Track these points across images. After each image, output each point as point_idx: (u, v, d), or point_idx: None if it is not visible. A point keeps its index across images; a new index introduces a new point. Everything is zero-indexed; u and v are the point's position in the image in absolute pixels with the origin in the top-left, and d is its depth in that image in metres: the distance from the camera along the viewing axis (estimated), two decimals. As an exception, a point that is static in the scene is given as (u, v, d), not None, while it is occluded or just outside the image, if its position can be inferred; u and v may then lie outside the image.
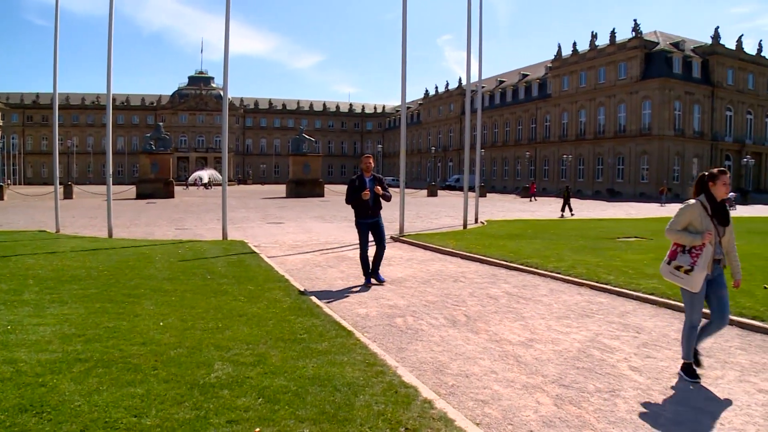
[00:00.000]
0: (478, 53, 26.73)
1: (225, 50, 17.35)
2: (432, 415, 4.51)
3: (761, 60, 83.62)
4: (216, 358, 5.71)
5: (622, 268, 12.38)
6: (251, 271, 11.32)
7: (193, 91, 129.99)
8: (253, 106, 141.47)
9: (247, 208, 35.15)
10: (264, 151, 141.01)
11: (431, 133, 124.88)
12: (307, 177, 54.17)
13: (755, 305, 8.81)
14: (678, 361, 6.46)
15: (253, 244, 16.33)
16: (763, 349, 7.02)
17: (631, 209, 42.75)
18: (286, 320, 7.35)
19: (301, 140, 55.72)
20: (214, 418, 4.32)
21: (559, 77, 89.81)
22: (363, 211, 11.19)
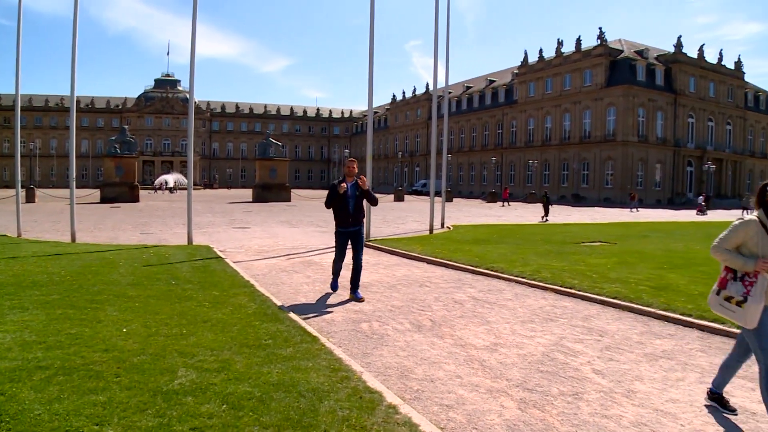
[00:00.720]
0: (445, 59, 26.93)
1: (191, 53, 17.24)
2: (396, 420, 4.53)
3: (722, 69, 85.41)
4: (180, 365, 5.67)
5: (586, 272, 12.56)
6: (216, 277, 11.24)
7: (159, 94, 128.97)
8: (220, 109, 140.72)
9: (213, 213, 34.90)
10: (231, 155, 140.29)
11: (398, 138, 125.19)
12: (273, 181, 53.95)
13: (715, 309, 8.98)
14: (639, 362, 6.58)
15: (218, 249, 16.22)
16: (723, 351, 7.13)
17: (596, 214, 43.29)
18: (251, 326, 7.32)
19: (268, 144, 55.50)
20: (178, 425, 4.29)
21: (525, 83, 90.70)
22: (343, 218, 10.15)
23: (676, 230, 27.48)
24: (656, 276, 12.20)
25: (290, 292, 10.54)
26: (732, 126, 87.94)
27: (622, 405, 5.33)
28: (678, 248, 18.29)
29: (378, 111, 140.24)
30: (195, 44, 17.15)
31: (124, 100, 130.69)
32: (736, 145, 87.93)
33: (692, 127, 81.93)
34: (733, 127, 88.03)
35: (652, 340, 7.67)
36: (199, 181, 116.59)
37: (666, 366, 6.53)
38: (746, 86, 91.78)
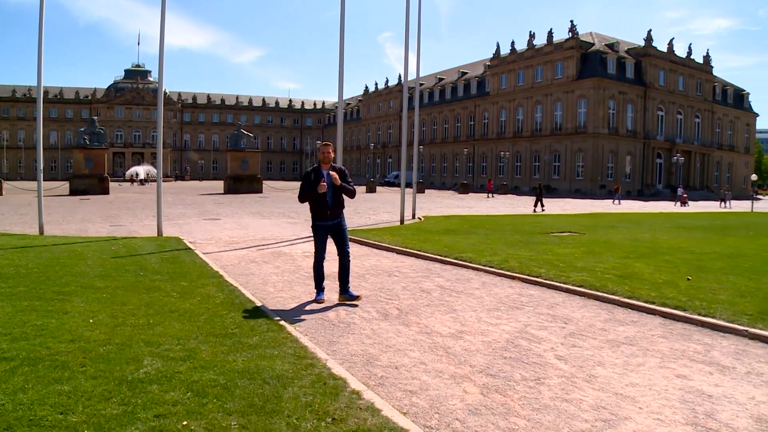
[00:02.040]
0: (417, 50, 26.95)
1: (160, 42, 17.13)
2: (359, 405, 4.60)
3: (691, 62, 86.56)
4: (146, 354, 5.68)
5: (553, 261, 12.73)
6: (185, 268, 11.22)
7: (129, 85, 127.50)
8: (191, 100, 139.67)
9: (184, 205, 34.69)
10: (202, 147, 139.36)
11: (371, 130, 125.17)
12: (245, 173, 53.73)
13: (678, 296, 9.22)
14: (602, 348, 6.71)
15: (188, 240, 16.18)
16: (684, 337, 7.33)
17: (567, 205, 43.71)
18: (218, 315, 7.35)
19: (239, 136, 55.23)
20: (142, 412, 4.31)
21: (497, 75, 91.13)
22: (320, 210, 8.93)
23: (644, 220, 27.88)
24: (622, 265, 12.39)
25: (259, 283, 10.56)
26: (700, 119, 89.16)
27: (582, 389, 5.44)
28: (645, 238, 18.58)
29: (350, 102, 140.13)
30: (164, 33, 17.05)
31: (93, 91, 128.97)
32: (705, 138, 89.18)
33: (662, 119, 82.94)
34: (701, 120, 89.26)
35: (615, 326, 7.81)
36: (170, 173, 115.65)
37: (628, 352, 6.67)
38: (714, 80, 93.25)
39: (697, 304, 8.63)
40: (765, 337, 7.21)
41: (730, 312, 8.21)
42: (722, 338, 7.33)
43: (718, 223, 28.48)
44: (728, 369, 6.14)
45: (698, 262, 13.20)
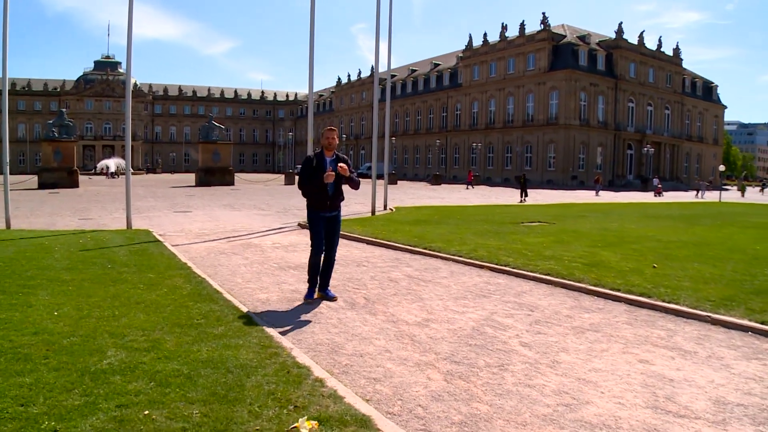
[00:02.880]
0: (388, 42, 26.95)
1: (128, 31, 16.94)
2: (322, 393, 4.61)
3: (661, 55, 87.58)
4: (110, 345, 5.64)
5: (522, 250, 12.83)
6: (153, 260, 11.14)
7: (99, 77, 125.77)
8: (162, 92, 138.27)
9: (155, 197, 34.38)
10: (174, 139, 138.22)
11: (344, 121, 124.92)
12: (216, 165, 53.33)
13: (643, 283, 9.36)
14: (566, 335, 6.79)
15: (158, 233, 16.05)
16: (648, 323, 7.44)
17: (539, 195, 44.03)
18: (184, 306, 7.31)
19: (211, 128, 54.81)
20: (104, 403, 4.29)
21: (469, 67, 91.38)
22: (320, 200, 8.33)
23: (614, 210, 28.18)
24: (589, 253, 12.52)
25: (227, 274, 10.52)
26: (670, 111, 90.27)
27: (546, 375, 5.50)
28: (613, 227, 18.78)
29: (323, 94, 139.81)
30: (131, 23, 16.84)
31: (62, 83, 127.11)
32: (674, 129, 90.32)
33: (632, 111, 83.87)
34: (671, 111, 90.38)
35: (581, 313, 7.90)
36: (141, 166, 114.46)
37: (592, 338, 6.75)
38: (684, 72, 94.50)
39: (662, 291, 8.77)
40: (726, 323, 7.35)
41: (693, 298, 8.35)
42: (685, 324, 7.44)
43: (686, 212, 28.85)
44: (690, 354, 6.24)
45: (665, 250, 13.37)
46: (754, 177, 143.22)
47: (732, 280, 9.85)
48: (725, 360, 6.05)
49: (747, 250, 13.86)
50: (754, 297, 8.51)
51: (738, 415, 4.66)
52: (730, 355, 6.20)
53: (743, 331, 7.07)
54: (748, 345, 6.59)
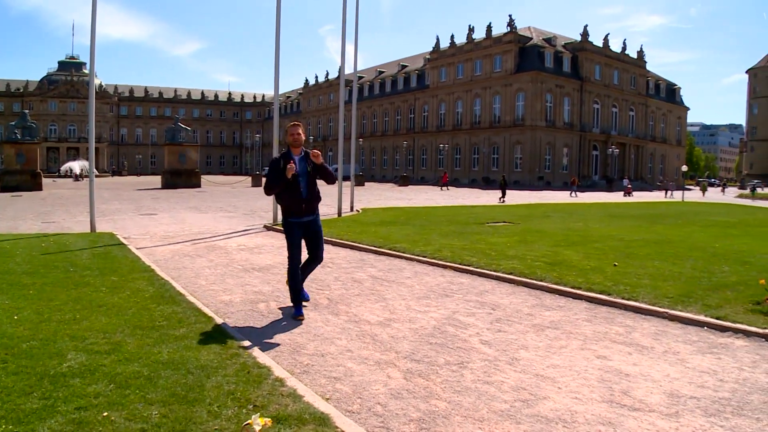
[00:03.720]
0: (354, 42, 26.96)
1: (92, 30, 16.79)
2: (282, 392, 4.63)
3: (625, 58, 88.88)
4: (70, 348, 5.61)
5: (485, 250, 12.94)
6: (117, 263, 11.04)
7: (63, 77, 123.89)
8: (128, 93, 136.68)
9: (120, 200, 34.02)
10: (140, 141, 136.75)
11: (311, 123, 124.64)
12: (183, 167, 52.92)
13: (604, 281, 9.50)
14: (527, 332, 6.88)
15: (122, 236, 15.90)
16: (607, 320, 7.57)
17: (508, 196, 44.25)
18: (146, 309, 7.28)
19: (177, 129, 54.38)
20: (63, 405, 4.27)
21: (437, 69, 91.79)
22: (293, 204, 7.58)
23: (578, 210, 28.51)
24: (552, 253, 12.67)
25: (191, 276, 10.46)
26: (634, 112, 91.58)
27: (504, 372, 5.58)
28: (577, 227, 19.01)
29: (291, 95, 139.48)
30: (95, 22, 16.68)
31: (26, 84, 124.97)
32: (639, 130, 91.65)
33: (597, 112, 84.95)
34: (635, 113, 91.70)
35: (541, 311, 8.01)
36: (107, 168, 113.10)
37: (552, 335, 6.85)
38: (648, 75, 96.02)
39: (622, 289, 8.92)
40: (683, 318, 7.50)
41: (652, 295, 8.50)
42: (644, 320, 7.59)
43: (649, 212, 29.27)
44: (647, 349, 6.37)
45: (626, 249, 13.57)
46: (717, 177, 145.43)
47: (690, 277, 10.05)
48: (681, 354, 6.18)
49: (706, 247, 14.11)
50: (711, 293, 8.70)
51: (691, 408, 4.77)
52: (686, 350, 6.34)
53: (699, 327, 7.23)
54: (703, 340, 6.73)
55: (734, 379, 5.48)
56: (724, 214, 29.11)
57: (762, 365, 5.86)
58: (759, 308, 7.75)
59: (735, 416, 4.62)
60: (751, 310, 7.71)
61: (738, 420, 4.54)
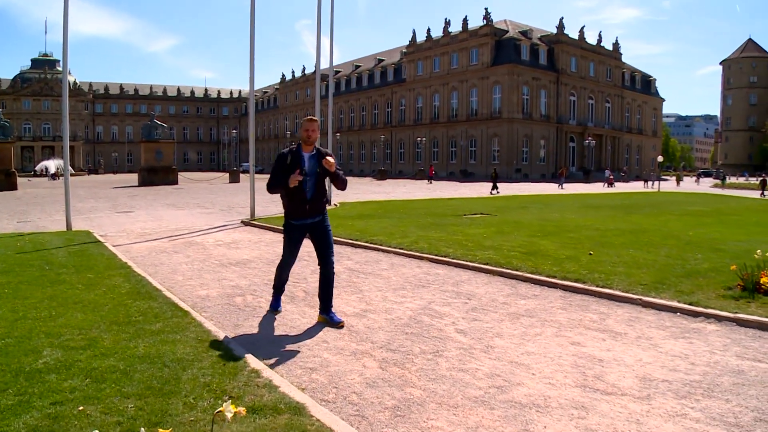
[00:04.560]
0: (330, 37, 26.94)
1: (64, 25, 16.62)
2: (257, 383, 4.65)
3: (601, 50, 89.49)
4: (46, 345, 5.59)
5: (462, 241, 13.03)
6: (93, 260, 10.97)
7: (37, 75, 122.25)
8: (103, 91, 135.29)
9: (96, 198, 33.72)
10: (116, 139, 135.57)
11: (288, 118, 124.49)
12: (159, 164, 52.52)
13: (579, 269, 9.63)
14: (502, 321, 6.95)
15: (98, 233, 15.78)
16: (582, 308, 7.67)
17: (483, 189, 44.51)
18: (122, 305, 7.26)
19: (153, 126, 53.95)
20: (38, 401, 4.26)
21: (413, 62, 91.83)
22: (296, 205, 6.93)
23: (555, 202, 28.72)
24: (528, 243, 12.79)
25: (168, 272, 10.44)
26: (610, 104, 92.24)
27: (479, 359, 5.64)
28: (553, 217, 19.18)
29: (267, 91, 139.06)
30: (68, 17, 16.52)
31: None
32: (615, 122, 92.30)
33: (574, 104, 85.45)
34: (611, 104, 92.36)
35: (517, 300, 8.10)
36: (83, 167, 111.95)
37: (527, 323, 6.93)
38: (623, 67, 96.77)
39: (596, 277, 9.05)
40: (657, 305, 7.64)
41: (626, 283, 8.63)
42: (618, 307, 7.71)
43: (626, 202, 29.59)
44: (620, 335, 6.47)
45: (602, 238, 13.73)
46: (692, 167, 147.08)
47: (664, 264, 10.20)
48: (654, 340, 6.29)
49: (681, 236, 14.30)
50: (684, 280, 8.85)
51: (662, 390, 4.87)
52: (659, 335, 6.45)
53: (672, 312, 7.36)
54: (676, 325, 6.85)
55: (705, 362, 5.58)
56: (698, 203, 29.49)
57: (732, 348, 5.98)
58: (730, 294, 7.90)
59: (705, 398, 4.72)
60: (722, 295, 7.86)
61: (708, 401, 4.64)
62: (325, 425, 3.97)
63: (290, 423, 3.99)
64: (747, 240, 13.51)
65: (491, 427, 4.20)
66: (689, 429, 4.17)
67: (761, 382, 5.07)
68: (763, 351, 5.91)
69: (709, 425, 4.23)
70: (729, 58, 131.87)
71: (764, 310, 7.05)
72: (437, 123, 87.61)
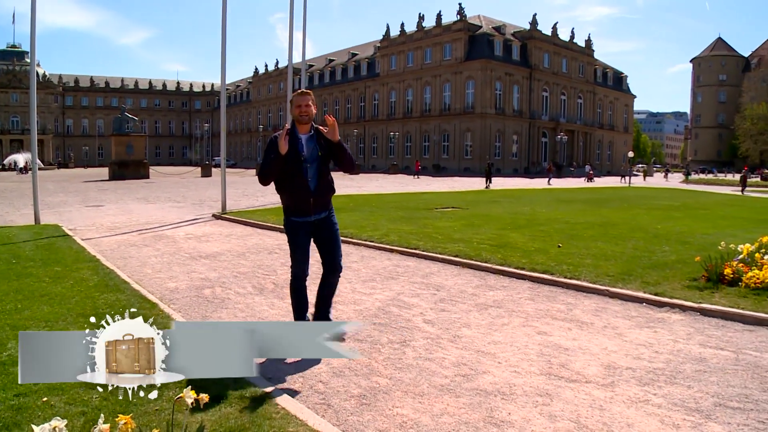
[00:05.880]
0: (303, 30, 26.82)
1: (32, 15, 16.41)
2: (224, 374, 4.67)
3: (574, 46, 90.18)
4: (11, 338, 5.52)
5: (432, 234, 13.09)
6: (61, 254, 10.85)
7: (4, 67, 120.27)
8: (73, 83, 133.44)
9: (66, 192, 33.35)
10: (86, 133, 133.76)
11: (261, 112, 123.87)
12: (130, 158, 52.02)
13: (547, 261, 9.73)
14: (470, 311, 7.01)
15: (67, 227, 15.60)
16: (549, 299, 7.76)
17: (455, 183, 44.76)
18: (90, 297, 7.20)
19: (124, 119, 53.41)
20: (1, 393, 4.23)
21: (387, 57, 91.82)
22: (298, 198, 5.72)
23: (526, 195, 28.95)
24: (498, 235, 12.89)
25: (137, 265, 10.36)
26: (583, 100, 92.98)
27: (446, 349, 5.68)
28: (524, 211, 19.34)
29: (240, 84, 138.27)
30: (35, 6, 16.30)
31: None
32: (587, 118, 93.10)
33: (546, 100, 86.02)
34: (583, 100, 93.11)
35: (485, 291, 8.16)
36: (52, 161, 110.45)
37: (494, 313, 6.99)
38: (596, 63, 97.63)
39: (564, 268, 9.14)
40: (623, 295, 7.75)
41: (594, 274, 8.74)
42: (585, 298, 7.81)
43: (596, 196, 29.88)
44: (587, 324, 6.55)
45: (571, 231, 13.87)
46: (663, 163, 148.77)
47: (632, 256, 10.33)
48: (619, 329, 6.38)
49: (648, 229, 14.50)
50: (651, 271, 8.98)
51: (626, 378, 4.95)
52: (625, 325, 6.54)
53: (638, 303, 7.48)
54: (642, 315, 6.96)
55: (669, 350, 5.68)
56: (668, 198, 29.86)
57: (696, 337, 6.09)
58: (695, 284, 8.03)
59: (668, 385, 4.80)
60: (687, 286, 7.99)
61: (670, 388, 4.73)
62: (290, 413, 3.98)
63: (255, 411, 4.00)
64: (713, 233, 13.72)
65: (456, 414, 4.24)
66: (651, 414, 4.25)
67: (722, 369, 5.17)
68: (725, 339, 6.03)
69: (670, 410, 4.31)
70: (699, 56, 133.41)
71: (727, 300, 7.18)
72: (410, 118, 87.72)
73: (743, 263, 8.20)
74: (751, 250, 8.39)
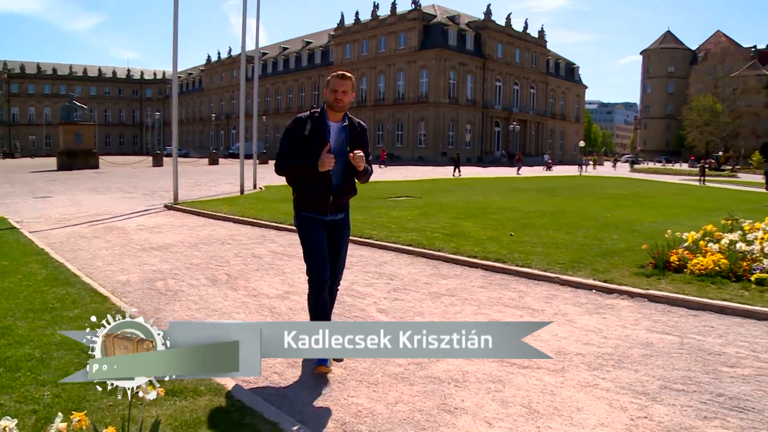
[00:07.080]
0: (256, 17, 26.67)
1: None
2: (178, 367, 4.65)
3: (527, 37, 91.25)
4: (-43, 337, 5.44)
5: (386, 223, 13.16)
6: (7, 247, 10.60)
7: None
8: (19, 70, 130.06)
9: (12, 183, 32.55)
10: (33, 121, 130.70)
11: (214, 101, 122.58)
12: (79, 147, 50.85)
13: (500, 250, 9.89)
14: (423, 300, 7.08)
15: (14, 219, 15.22)
16: (501, 286, 7.89)
17: (409, 172, 44.84)
18: (38, 291, 7.06)
19: (72, 108, 52.17)
20: (-53, 394, 4.17)
21: (341, 45, 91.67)
22: (317, 194, 4.84)
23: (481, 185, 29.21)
24: (451, 224, 13.02)
25: (87, 258, 10.17)
26: (535, 90, 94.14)
27: (399, 338, 5.74)
28: (478, 200, 19.55)
29: (193, 72, 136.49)
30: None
31: None
32: (539, 108, 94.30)
33: (499, 90, 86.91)
34: (536, 91, 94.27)
35: (438, 280, 8.26)
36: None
37: (447, 302, 7.09)
38: (548, 54, 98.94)
39: (516, 257, 9.30)
40: (573, 282, 7.94)
41: (545, 262, 8.91)
42: (536, 285, 7.96)
43: (549, 185, 30.31)
44: (538, 312, 6.70)
45: (523, 219, 14.08)
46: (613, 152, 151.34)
47: (582, 245, 10.56)
48: (570, 316, 6.53)
49: (598, 217, 14.79)
50: (600, 259, 9.20)
51: (576, 363, 5.09)
52: (575, 312, 6.70)
53: (588, 290, 7.67)
54: (591, 302, 7.14)
55: (617, 336, 5.84)
56: (617, 187, 30.48)
57: (643, 323, 6.26)
58: (643, 271, 8.26)
59: (616, 369, 4.95)
60: (635, 273, 8.22)
61: (618, 372, 4.88)
62: (246, 406, 4.01)
63: (211, 404, 4.01)
64: (661, 221, 14.07)
65: (410, 402, 4.30)
66: (600, 398, 4.38)
67: (668, 353, 5.34)
68: (671, 324, 6.21)
69: (618, 394, 4.45)
70: (649, 48, 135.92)
71: (673, 287, 7.40)
72: (364, 106, 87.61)
73: (688, 251, 8.46)
74: (696, 237, 8.67)
